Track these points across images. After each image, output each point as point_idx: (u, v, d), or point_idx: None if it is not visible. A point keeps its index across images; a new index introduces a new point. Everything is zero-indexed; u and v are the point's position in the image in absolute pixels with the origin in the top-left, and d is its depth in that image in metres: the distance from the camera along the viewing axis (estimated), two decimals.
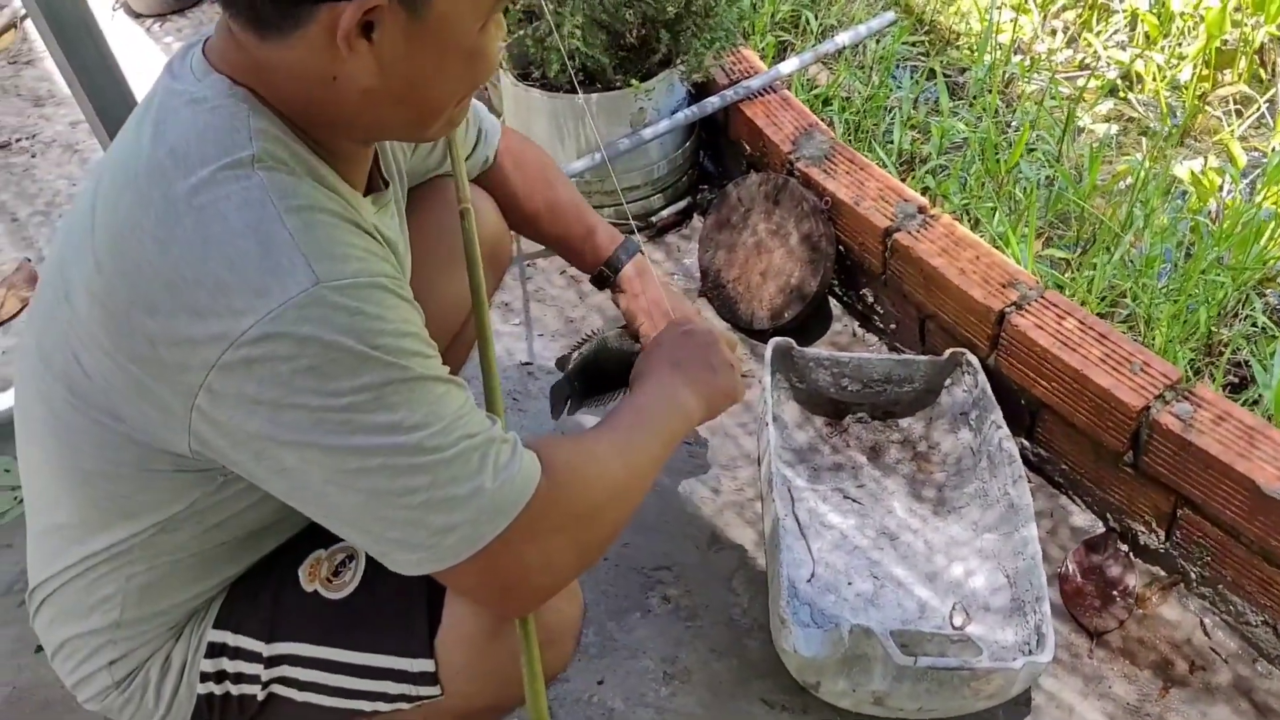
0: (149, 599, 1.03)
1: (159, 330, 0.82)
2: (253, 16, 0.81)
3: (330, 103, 0.86)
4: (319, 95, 0.85)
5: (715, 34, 1.98)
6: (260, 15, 0.81)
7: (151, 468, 0.92)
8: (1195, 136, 2.39)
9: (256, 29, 0.82)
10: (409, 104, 0.88)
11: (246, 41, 0.84)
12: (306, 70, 0.83)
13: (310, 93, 0.85)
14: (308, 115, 0.88)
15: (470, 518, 0.85)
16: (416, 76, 0.85)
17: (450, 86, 0.89)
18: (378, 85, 0.84)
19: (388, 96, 0.86)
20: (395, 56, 0.82)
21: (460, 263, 1.17)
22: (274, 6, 0.79)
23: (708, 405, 1.17)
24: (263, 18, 0.81)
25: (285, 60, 0.83)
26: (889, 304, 1.90)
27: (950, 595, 1.55)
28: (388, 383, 0.82)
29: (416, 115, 0.90)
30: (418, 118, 0.91)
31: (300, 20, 0.80)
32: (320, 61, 0.82)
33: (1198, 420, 1.44)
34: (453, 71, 0.87)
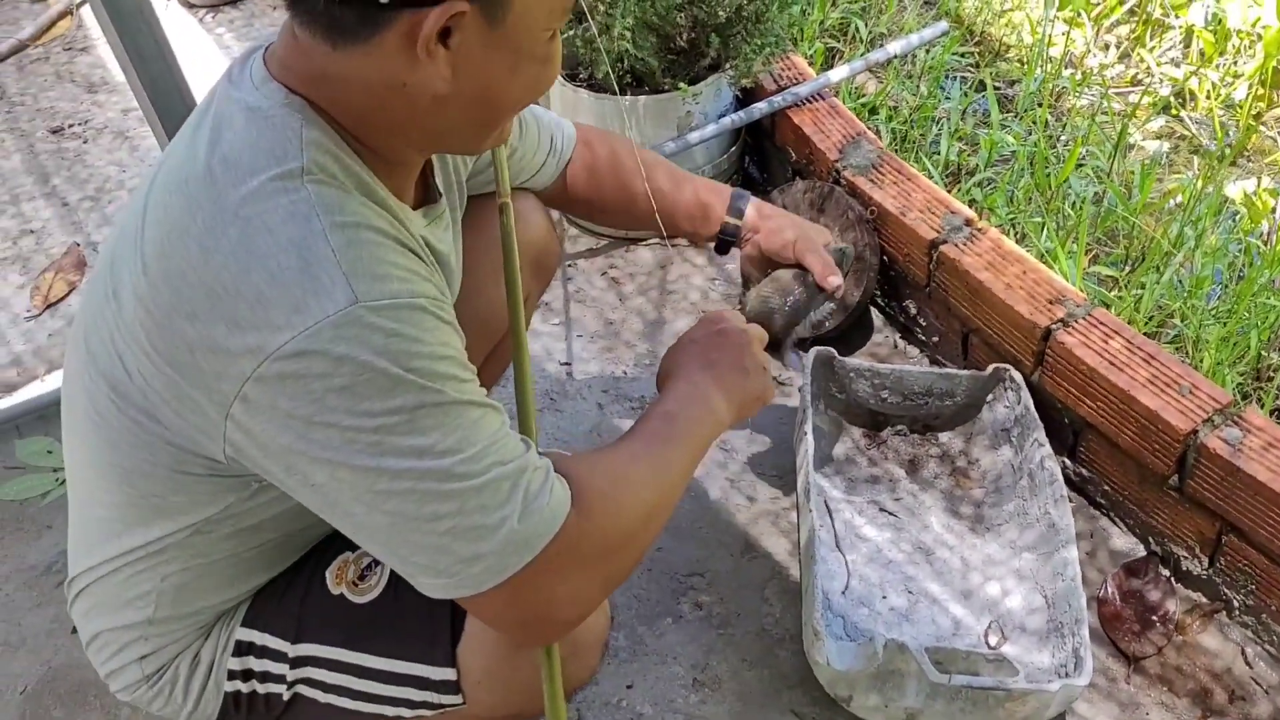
0: (183, 599, 1.04)
1: (198, 337, 0.82)
2: (329, 24, 0.81)
3: (397, 109, 0.86)
4: (387, 102, 0.85)
5: (765, 40, 1.97)
6: (338, 23, 0.81)
7: (187, 471, 0.93)
8: (1249, 157, 2.35)
9: (330, 37, 0.82)
10: (476, 111, 0.88)
11: (315, 49, 0.84)
12: (377, 77, 0.83)
13: (378, 100, 0.85)
14: (369, 123, 0.88)
15: (496, 548, 0.85)
16: (488, 83, 0.85)
17: (518, 94, 0.90)
18: (449, 91, 0.84)
19: (457, 103, 0.86)
20: (470, 63, 0.83)
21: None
22: (355, 13, 0.80)
23: (739, 409, 1.15)
24: (340, 25, 0.81)
25: (356, 68, 0.83)
26: (932, 316, 1.88)
27: (986, 614, 1.53)
28: (421, 406, 0.81)
29: (481, 122, 0.91)
30: (481, 125, 0.91)
31: (380, 26, 0.80)
32: (394, 68, 0.82)
33: (1247, 446, 1.41)
34: (522, 78, 0.88)
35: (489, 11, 0.81)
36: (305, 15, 0.83)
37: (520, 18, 0.83)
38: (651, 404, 1.09)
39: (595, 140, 1.45)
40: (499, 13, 0.81)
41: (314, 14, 0.82)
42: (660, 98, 1.99)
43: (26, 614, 1.62)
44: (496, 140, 0.96)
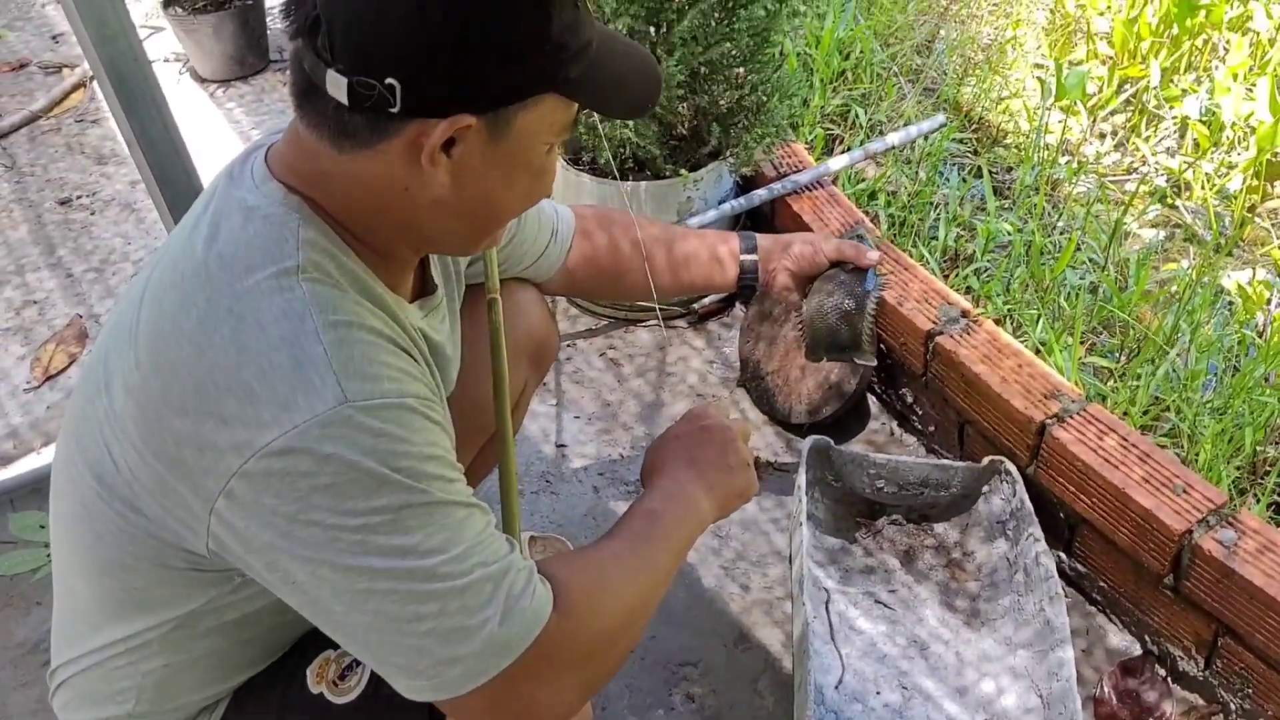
0: (164, 695, 1.03)
1: (186, 432, 0.83)
2: (338, 128, 0.84)
3: (396, 211, 0.88)
4: (387, 203, 0.88)
5: (766, 129, 2.00)
6: (346, 127, 0.84)
7: (169, 564, 0.92)
8: (1244, 247, 2.37)
9: (337, 140, 0.85)
10: (473, 217, 0.91)
11: (320, 150, 0.86)
12: (380, 180, 0.86)
13: (378, 200, 0.88)
14: (368, 222, 0.90)
15: (477, 650, 0.84)
16: (486, 191, 0.88)
17: (513, 203, 0.93)
18: (448, 197, 0.87)
19: (455, 208, 0.89)
20: (470, 172, 0.86)
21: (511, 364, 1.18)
22: (365, 120, 0.82)
23: (721, 506, 1.14)
24: (348, 130, 0.84)
25: (359, 170, 0.86)
26: (928, 406, 1.89)
27: (980, 712, 1.52)
28: (406, 505, 0.82)
29: (476, 228, 0.94)
30: (476, 230, 0.94)
31: (388, 134, 0.83)
32: (396, 173, 0.85)
33: (1241, 548, 1.41)
34: (519, 188, 0.91)
35: (493, 125, 0.84)
36: (314, 117, 0.85)
37: (521, 132, 0.86)
38: (635, 502, 1.09)
39: (593, 228, 1.47)
40: (503, 127, 0.85)
41: (323, 116, 0.84)
42: (661, 183, 2.02)
43: (11, 693, 1.61)
44: (489, 244, 0.99)
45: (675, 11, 1.86)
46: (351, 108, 0.81)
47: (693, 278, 1.57)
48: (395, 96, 0.80)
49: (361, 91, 0.80)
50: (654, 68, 0.99)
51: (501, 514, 1.08)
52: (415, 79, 0.80)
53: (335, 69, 0.80)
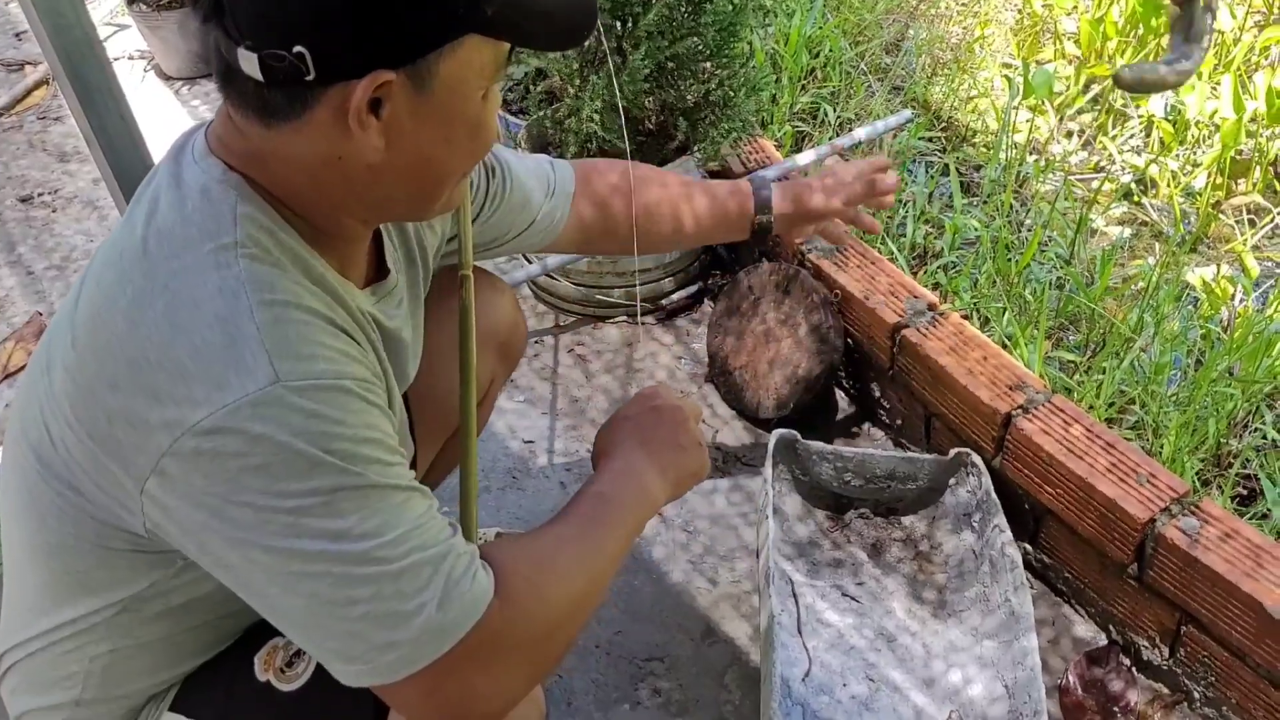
0: (111, 681, 1.01)
1: (118, 408, 0.82)
2: (261, 106, 0.82)
3: (335, 183, 0.86)
4: (323, 176, 0.86)
5: (733, 124, 2.00)
6: (269, 104, 0.82)
7: (110, 546, 0.91)
8: (1209, 244, 2.39)
9: (263, 117, 0.83)
10: (414, 178, 0.88)
11: (250, 129, 0.84)
12: (312, 152, 0.84)
13: (314, 175, 0.86)
14: (308, 199, 0.88)
15: (412, 636, 0.83)
16: (423, 149, 0.86)
17: (455, 159, 0.90)
18: (384, 161, 0.84)
19: (394, 171, 0.86)
20: (402, 130, 0.83)
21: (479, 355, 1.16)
22: (284, 94, 0.80)
23: (674, 487, 1.12)
24: (271, 106, 0.82)
25: (291, 144, 0.84)
26: (895, 399, 1.89)
27: (947, 703, 1.51)
28: (339, 488, 0.80)
29: (420, 190, 0.91)
30: (421, 193, 0.91)
31: (310, 103, 0.81)
32: (327, 142, 0.83)
33: (1204, 536, 1.42)
34: (457, 143, 0.88)
35: (415, 77, 0.81)
36: (238, 98, 0.84)
37: (447, 81, 0.83)
38: (584, 484, 1.06)
39: (598, 183, 1.40)
40: (426, 78, 0.82)
41: (245, 96, 0.83)
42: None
43: None
44: (444, 207, 0.96)
45: (641, 4, 1.86)
46: (268, 83, 0.80)
47: (702, 236, 1.50)
48: (307, 64, 0.78)
49: (273, 65, 0.78)
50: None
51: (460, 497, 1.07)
52: (322, 42, 0.77)
53: (244, 46, 0.78)
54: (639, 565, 1.73)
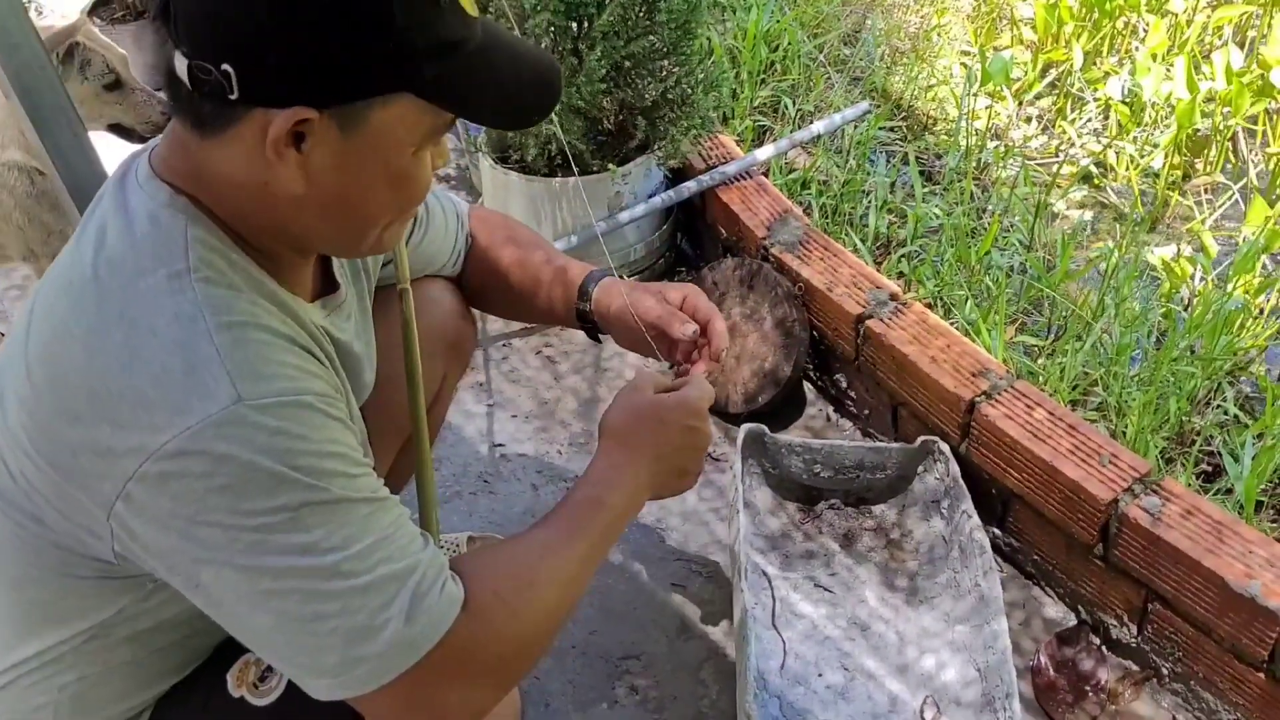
0: (82, 709, 1.01)
1: (80, 440, 0.81)
2: (193, 113, 0.82)
3: (263, 209, 0.86)
4: (254, 199, 0.86)
5: (692, 121, 2.01)
6: (199, 113, 0.82)
7: (75, 574, 0.91)
8: (1168, 224, 2.42)
9: (195, 126, 0.83)
10: (335, 218, 0.88)
11: (188, 141, 0.85)
12: (242, 173, 0.84)
13: (246, 196, 0.86)
14: (245, 221, 0.88)
15: (380, 650, 0.83)
16: (342, 191, 0.85)
17: (375, 207, 0.89)
18: (305, 195, 0.84)
19: (315, 208, 0.86)
20: (323, 168, 0.83)
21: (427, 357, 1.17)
22: (212, 106, 0.81)
23: (657, 497, 1.12)
24: (201, 116, 0.82)
25: (221, 161, 0.84)
26: (862, 390, 1.91)
27: (922, 689, 1.53)
28: (305, 504, 0.80)
29: (342, 230, 0.90)
30: (343, 233, 0.91)
31: (235, 121, 0.81)
32: (253, 164, 0.83)
33: (1166, 514, 1.44)
34: (378, 192, 0.88)
35: (343, 121, 0.81)
36: (174, 103, 0.84)
37: (375, 132, 0.83)
38: (582, 480, 1.05)
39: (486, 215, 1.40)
40: (353, 123, 0.82)
41: (180, 101, 0.83)
42: (590, 179, 2.02)
43: None
44: (374, 248, 0.95)
45: (595, 5, 1.86)
46: (196, 92, 0.80)
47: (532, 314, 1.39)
48: (232, 83, 0.78)
49: (200, 76, 0.78)
50: (548, 78, 0.93)
51: (419, 508, 1.07)
52: (248, 66, 0.78)
53: (180, 51, 0.79)
54: (612, 564, 1.74)
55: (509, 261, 1.34)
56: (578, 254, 2.07)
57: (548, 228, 2.07)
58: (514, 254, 1.34)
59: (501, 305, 1.41)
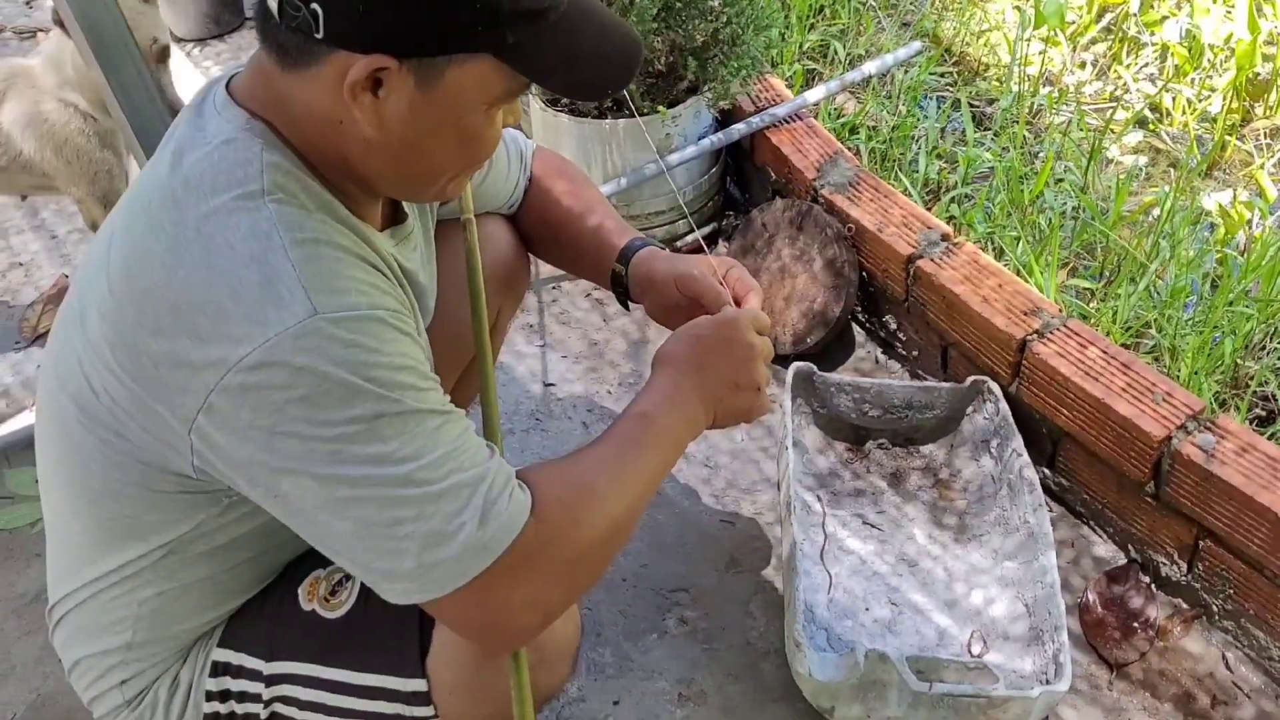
0: (160, 623, 1.05)
1: (162, 352, 0.84)
2: (277, 44, 0.85)
3: (335, 145, 0.89)
4: (328, 134, 0.88)
5: (742, 62, 2.00)
6: (284, 46, 0.85)
7: (157, 488, 0.94)
8: (1225, 169, 2.38)
9: (279, 57, 0.86)
10: (402, 164, 0.90)
11: (270, 70, 0.87)
12: (318, 108, 0.86)
13: (321, 130, 0.88)
14: (318, 152, 0.90)
15: (455, 553, 0.86)
16: (412, 141, 0.88)
17: (442, 159, 0.92)
18: (376, 139, 0.86)
19: (383, 152, 0.88)
20: (396, 117, 0.85)
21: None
22: (297, 42, 0.83)
23: (717, 421, 1.12)
24: (284, 47, 0.85)
25: (300, 94, 0.86)
26: (911, 331, 1.90)
27: (969, 623, 1.54)
28: (380, 415, 0.83)
29: (408, 177, 0.93)
30: (409, 179, 0.93)
31: (317, 59, 0.83)
32: (330, 103, 0.85)
33: (1220, 451, 1.43)
34: (447, 146, 0.90)
35: (420, 74, 0.83)
36: (264, 34, 0.87)
37: (451, 89, 0.85)
38: (634, 400, 1.08)
39: (554, 160, 1.41)
40: (430, 77, 0.84)
41: (268, 33, 0.86)
42: (640, 121, 2.02)
43: (15, 642, 1.63)
44: (438, 196, 0.98)
45: None
46: (284, 25, 0.82)
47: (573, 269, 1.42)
48: (318, 23, 0.80)
49: (289, 10, 0.81)
50: (628, 53, 0.93)
51: (483, 423, 1.10)
52: (336, 10, 0.80)
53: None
54: (663, 500, 1.76)
55: (560, 217, 1.36)
56: (627, 196, 2.08)
57: (598, 170, 2.08)
58: (565, 210, 1.35)
59: (548, 254, 1.43)
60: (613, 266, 1.30)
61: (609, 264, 1.30)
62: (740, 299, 1.23)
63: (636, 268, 1.28)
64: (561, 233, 1.36)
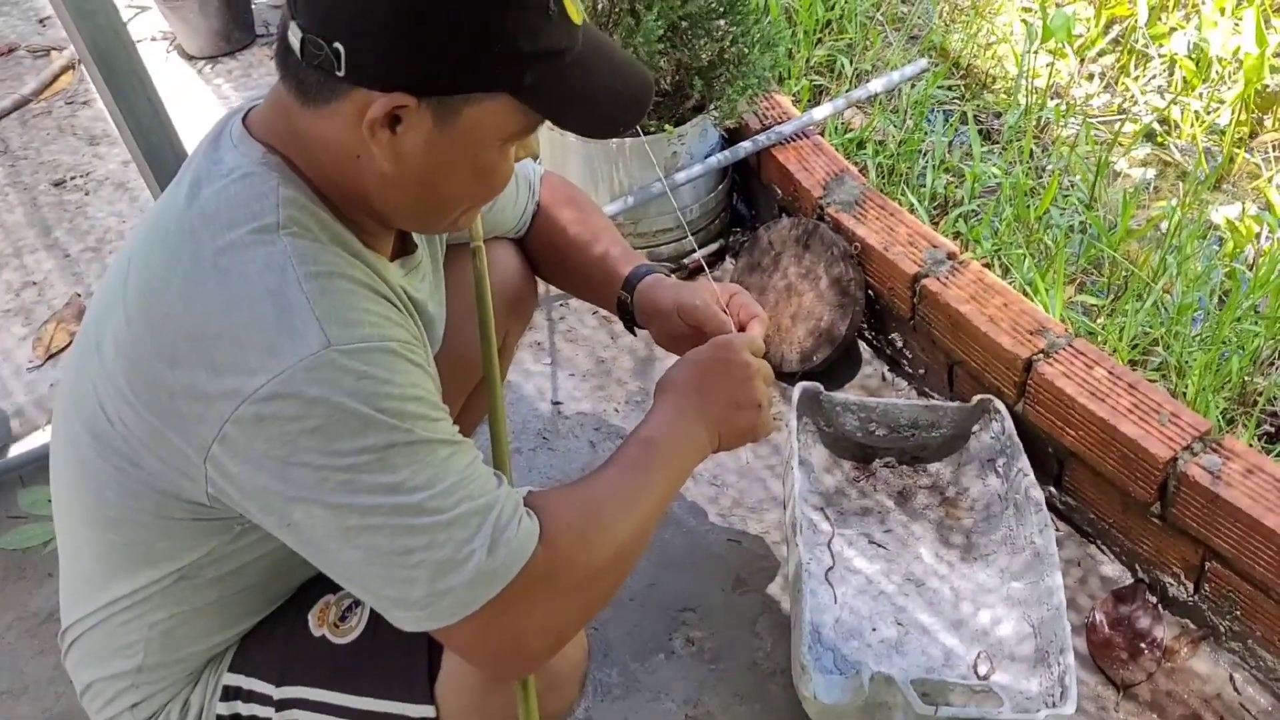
0: (170, 646, 1.06)
1: (177, 383, 0.86)
2: (299, 83, 0.87)
3: (351, 178, 0.91)
4: (345, 169, 0.90)
5: (748, 80, 2.01)
6: (305, 84, 0.86)
7: (170, 516, 0.95)
8: (1233, 183, 2.37)
9: (298, 93, 0.88)
10: (416, 198, 0.92)
11: (289, 105, 0.89)
12: (335, 142, 0.88)
13: (337, 164, 0.90)
14: (333, 187, 0.92)
15: (465, 581, 0.87)
16: (428, 175, 0.90)
17: (457, 193, 0.94)
18: (392, 174, 0.88)
19: (399, 186, 0.90)
20: (413, 153, 0.87)
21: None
22: (317, 79, 0.85)
23: (722, 442, 1.13)
24: (306, 86, 0.86)
25: (318, 129, 0.88)
26: (918, 349, 1.91)
27: (976, 644, 1.54)
28: (391, 445, 0.84)
29: (422, 210, 0.95)
30: (423, 212, 0.96)
31: (337, 96, 0.85)
32: (348, 137, 0.87)
33: (1226, 473, 1.43)
34: (462, 180, 0.92)
35: (438, 111, 0.85)
36: (284, 70, 0.89)
37: (468, 126, 0.87)
38: (637, 426, 1.09)
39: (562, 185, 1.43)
40: (447, 115, 0.86)
41: (289, 68, 0.88)
42: (646, 139, 2.03)
43: (28, 661, 1.65)
44: (452, 228, 1.01)
45: None
46: (305, 63, 0.84)
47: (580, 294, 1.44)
48: (340, 62, 0.82)
49: (311, 49, 0.83)
50: (639, 92, 0.96)
51: (492, 451, 1.11)
52: (358, 48, 0.82)
53: (296, 22, 0.84)
54: (670, 519, 1.77)
55: (567, 243, 1.38)
56: (634, 214, 2.09)
57: (604, 188, 2.09)
58: (572, 237, 1.37)
59: (554, 279, 1.45)
60: (619, 295, 1.32)
61: (615, 292, 1.33)
62: (743, 326, 1.25)
63: (641, 296, 1.30)
64: (568, 259, 1.38)
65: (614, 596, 1.03)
